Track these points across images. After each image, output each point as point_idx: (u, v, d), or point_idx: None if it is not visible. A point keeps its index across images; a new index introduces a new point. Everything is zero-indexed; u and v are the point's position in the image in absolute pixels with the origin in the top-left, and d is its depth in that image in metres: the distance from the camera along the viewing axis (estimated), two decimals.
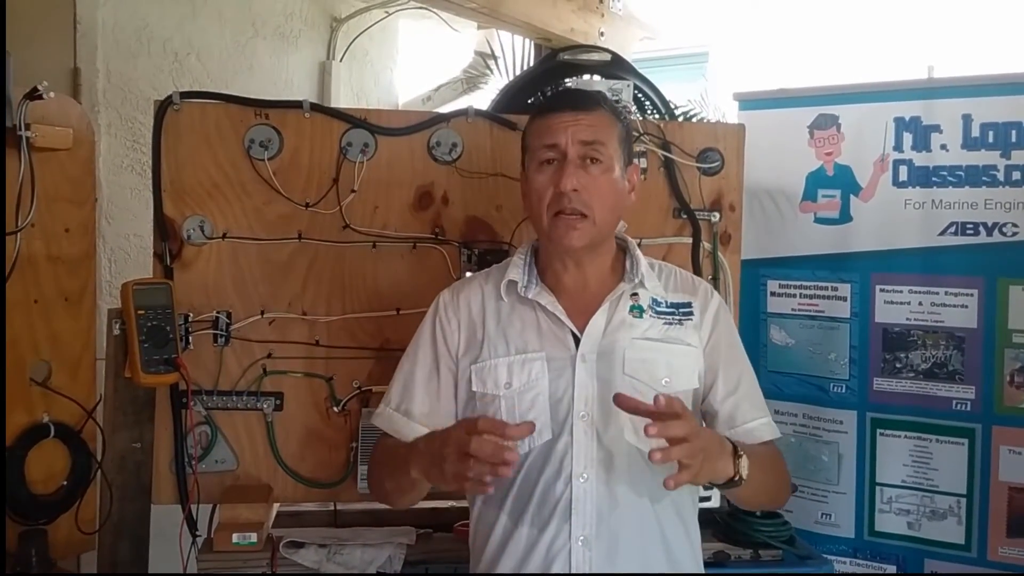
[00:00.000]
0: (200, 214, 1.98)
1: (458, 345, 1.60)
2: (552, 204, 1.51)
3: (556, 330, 1.54)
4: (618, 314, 1.55)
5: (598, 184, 1.51)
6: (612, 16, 4.32)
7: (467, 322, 1.60)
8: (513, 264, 1.61)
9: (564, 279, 1.59)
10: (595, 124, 1.53)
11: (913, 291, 2.43)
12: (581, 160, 1.51)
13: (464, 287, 1.65)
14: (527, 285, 1.57)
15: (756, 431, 1.58)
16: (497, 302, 1.60)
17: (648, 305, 1.58)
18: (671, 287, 1.62)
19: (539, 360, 1.53)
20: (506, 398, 1.52)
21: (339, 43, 4.16)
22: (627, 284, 1.57)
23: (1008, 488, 2.33)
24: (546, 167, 1.53)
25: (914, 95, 2.44)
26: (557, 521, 1.47)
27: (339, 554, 1.87)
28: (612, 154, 1.53)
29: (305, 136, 2.02)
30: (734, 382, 1.59)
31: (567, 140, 1.51)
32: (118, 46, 3.06)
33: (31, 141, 1.85)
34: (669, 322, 1.57)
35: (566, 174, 1.49)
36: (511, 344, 1.55)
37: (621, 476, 1.49)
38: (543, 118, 1.56)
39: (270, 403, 2.00)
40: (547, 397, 1.51)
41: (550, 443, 1.50)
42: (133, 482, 1.97)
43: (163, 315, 1.86)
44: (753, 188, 2.38)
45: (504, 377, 1.53)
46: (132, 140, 3.08)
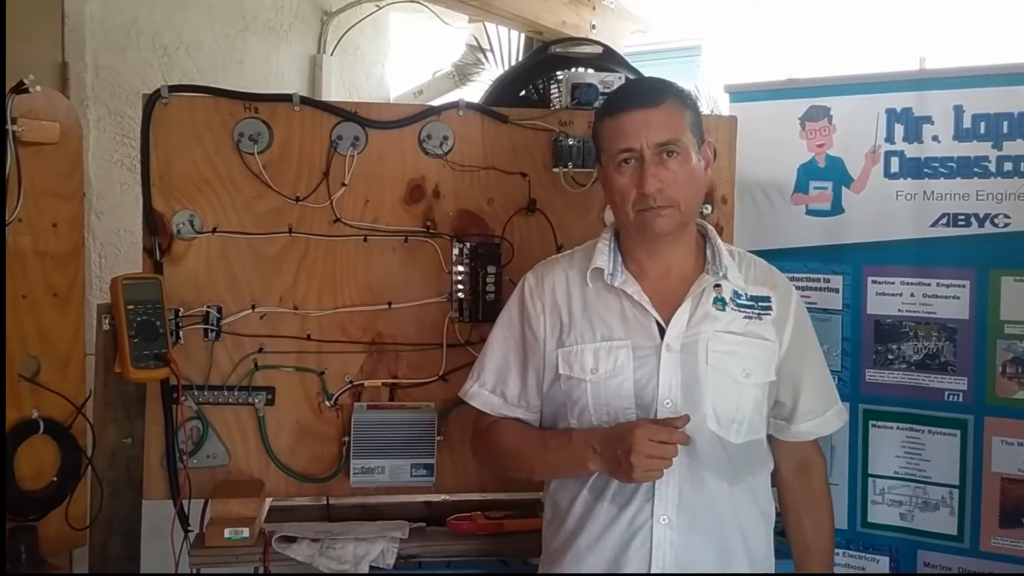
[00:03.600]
0: (190, 208, 1.97)
1: (544, 330, 1.65)
2: (637, 203, 1.55)
3: (641, 319, 1.59)
4: (702, 306, 1.60)
5: (678, 177, 1.55)
6: (604, 9, 4.31)
7: (552, 306, 1.65)
8: (598, 250, 1.64)
9: (647, 266, 1.63)
10: (667, 120, 1.56)
11: (905, 282, 2.43)
12: (659, 156, 1.54)
13: (549, 271, 1.69)
14: (613, 273, 1.61)
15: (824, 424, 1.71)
16: (582, 287, 1.64)
17: (730, 298, 1.62)
18: (751, 279, 1.66)
19: (624, 348, 1.58)
20: (592, 383, 1.57)
21: (330, 37, 4.14)
22: (711, 276, 1.61)
23: (1000, 479, 2.33)
24: (624, 167, 1.57)
25: (905, 87, 2.43)
26: (639, 500, 1.54)
27: (332, 548, 1.86)
28: (687, 143, 1.57)
29: (295, 130, 2.01)
30: (812, 375, 1.68)
31: (642, 143, 1.54)
32: (106, 40, 3.04)
33: (17, 135, 1.84)
34: (749, 316, 1.62)
35: (647, 176, 1.53)
36: (597, 331, 1.60)
37: (703, 461, 1.55)
38: (613, 118, 1.58)
39: (261, 398, 2.00)
40: (632, 384, 1.56)
41: None
42: (124, 478, 1.96)
43: (153, 310, 1.85)
44: (745, 180, 2.38)
45: (590, 363, 1.58)
46: (121, 135, 3.06)
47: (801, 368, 1.67)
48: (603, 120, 1.62)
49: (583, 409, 1.59)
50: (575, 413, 1.61)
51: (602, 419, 1.57)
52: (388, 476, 1.99)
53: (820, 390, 1.70)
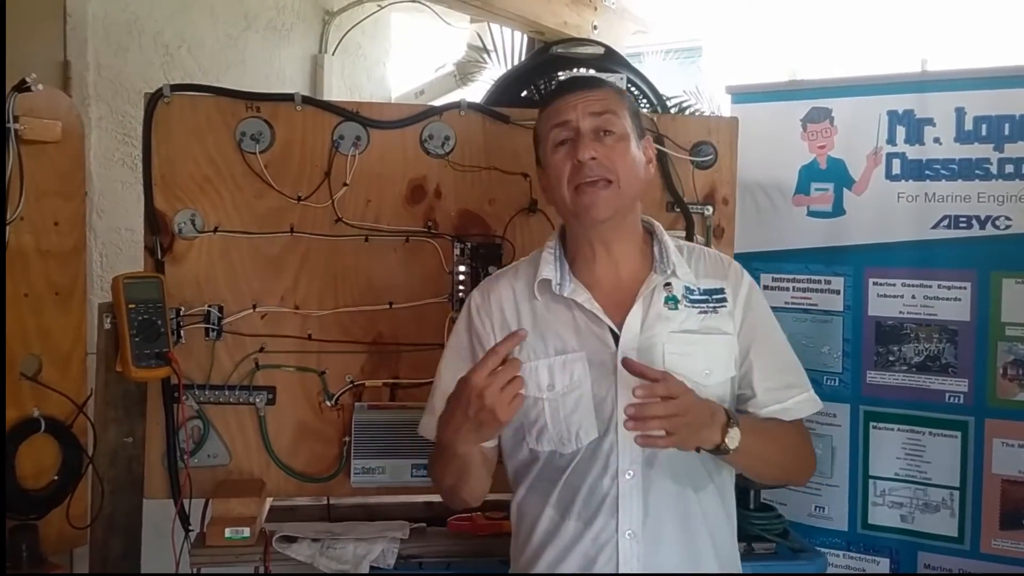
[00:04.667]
0: (191, 207, 1.97)
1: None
2: (572, 178, 1.51)
3: (595, 328, 1.53)
4: (653, 307, 1.55)
5: (616, 151, 1.52)
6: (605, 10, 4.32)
7: (501, 323, 1.58)
8: (544, 260, 1.59)
9: (595, 269, 1.57)
10: (603, 98, 1.55)
11: (906, 284, 2.43)
12: (595, 132, 1.52)
13: (494, 287, 1.63)
14: (561, 282, 1.55)
15: (791, 410, 1.59)
16: (531, 301, 1.58)
17: (682, 295, 1.57)
18: (702, 271, 1.61)
19: (580, 360, 1.52)
20: (549, 401, 1.52)
21: (331, 36, 4.15)
22: (659, 276, 1.56)
23: (1001, 481, 2.33)
24: (561, 148, 1.54)
25: (907, 88, 2.44)
26: (604, 516, 1.50)
27: (332, 548, 1.86)
28: (625, 124, 1.54)
29: (297, 129, 2.01)
30: (767, 364, 1.59)
31: (577, 115, 1.52)
32: (108, 39, 3.05)
33: (19, 134, 1.83)
34: (704, 311, 1.57)
35: (582, 145, 1.50)
36: (549, 345, 1.54)
37: (665, 470, 1.50)
38: (551, 104, 1.57)
39: (262, 397, 2.00)
40: (591, 397, 1.51)
41: (596, 441, 1.50)
42: (125, 477, 1.96)
43: (154, 309, 1.85)
44: (746, 181, 2.38)
45: (546, 379, 1.52)
46: (123, 133, 3.06)
47: (749, 353, 1.58)
48: (542, 112, 1.60)
49: (542, 429, 1.52)
50: (534, 434, 1.54)
51: (562, 437, 1.51)
52: (389, 476, 1.99)
53: (776, 376, 1.60)
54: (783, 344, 1.65)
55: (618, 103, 1.56)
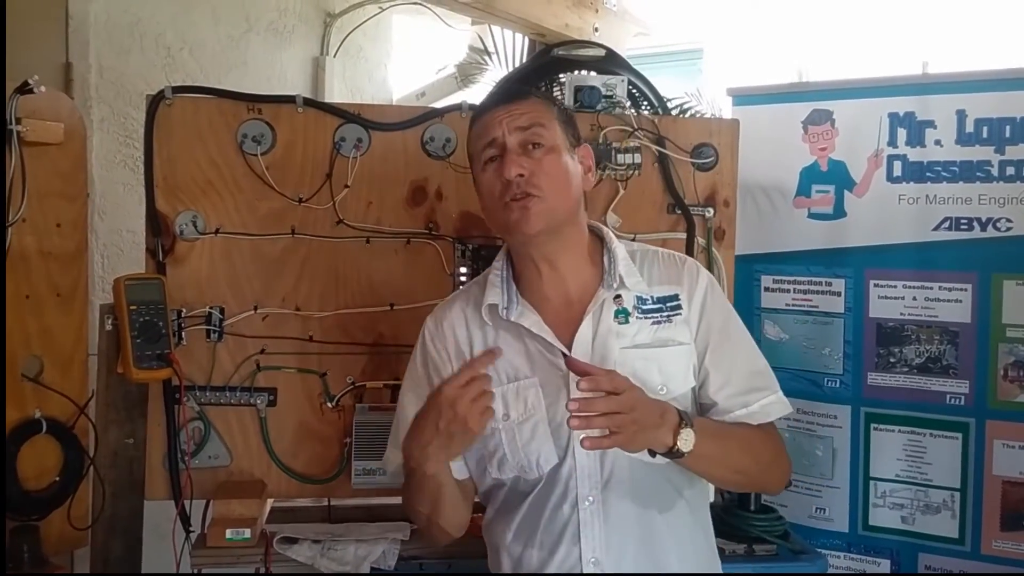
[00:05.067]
0: (193, 209, 1.98)
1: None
2: (502, 195, 1.47)
3: (545, 352, 1.50)
4: (603, 323, 1.50)
5: (543, 165, 1.47)
6: (606, 12, 4.32)
7: (455, 351, 1.56)
8: (490, 283, 1.55)
9: (543, 287, 1.53)
10: (529, 110, 1.50)
11: (907, 286, 2.44)
12: (522, 148, 1.48)
13: (447, 313, 1.60)
14: (508, 306, 1.52)
15: (757, 414, 1.52)
16: (482, 327, 1.55)
17: (633, 306, 1.52)
18: (655, 278, 1.55)
19: (533, 387, 1.49)
20: (506, 430, 1.49)
21: (333, 39, 4.15)
22: (606, 290, 1.51)
23: (1002, 482, 2.33)
24: (490, 166, 1.50)
25: (908, 91, 2.44)
26: (567, 544, 1.47)
27: (333, 550, 1.86)
28: (553, 135, 1.50)
29: (298, 131, 2.01)
30: (726, 369, 1.53)
31: (503, 131, 1.48)
32: (110, 41, 3.05)
33: (22, 136, 1.84)
34: (658, 321, 1.52)
35: (507, 162, 1.46)
36: (501, 372, 1.50)
37: (627, 493, 1.47)
38: (478, 121, 1.54)
39: (263, 399, 2.00)
40: (547, 424, 1.48)
41: (554, 468, 1.48)
42: (126, 478, 1.97)
43: (156, 310, 1.86)
44: (747, 183, 2.38)
45: (500, 408, 1.48)
46: (124, 135, 3.07)
47: (705, 360, 1.53)
48: (470, 131, 1.57)
49: (501, 459, 1.50)
50: (494, 463, 1.51)
51: (522, 464, 1.49)
52: (389, 477, 1.96)
53: (739, 380, 1.53)
54: (745, 345, 1.58)
55: (545, 114, 1.52)
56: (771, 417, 1.55)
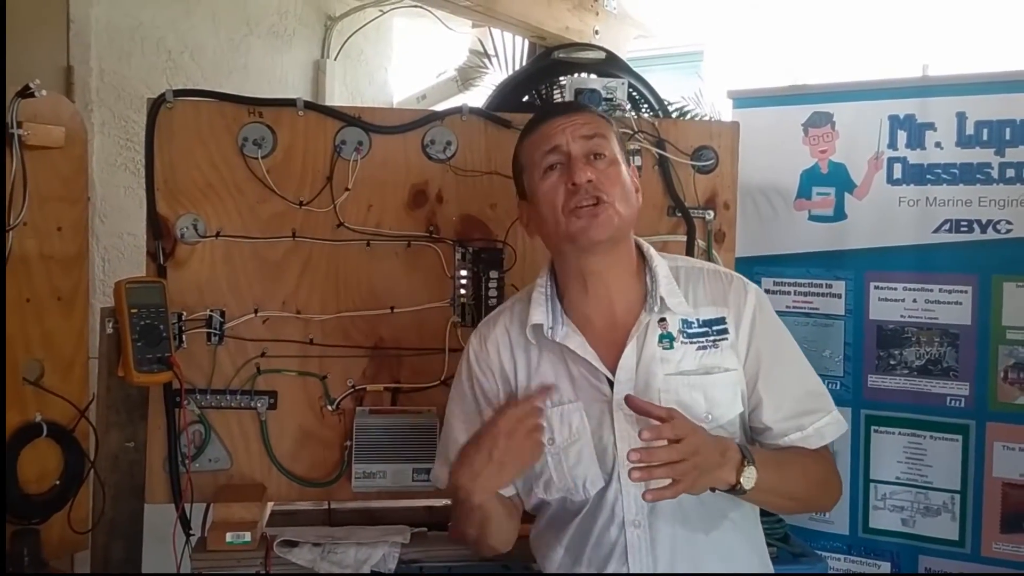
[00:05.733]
0: (193, 212, 1.98)
1: (499, 396, 1.56)
2: (567, 203, 1.45)
3: (589, 376, 1.49)
4: (647, 348, 1.48)
5: (609, 175, 1.46)
6: (607, 14, 4.32)
7: (500, 372, 1.56)
8: (535, 301, 1.53)
9: (588, 305, 1.51)
10: (590, 121, 1.51)
11: (907, 288, 2.44)
12: (586, 157, 1.47)
13: (490, 332, 1.59)
14: (553, 326, 1.50)
15: (811, 437, 1.51)
16: (526, 347, 1.54)
17: (679, 330, 1.49)
18: (700, 299, 1.52)
19: (577, 411, 1.48)
20: (552, 455, 1.48)
21: (333, 42, 4.16)
22: (648, 314, 1.49)
23: (1002, 484, 2.33)
24: (551, 173, 1.48)
25: (908, 93, 2.44)
26: (615, 564, 1.47)
27: (333, 553, 1.86)
28: (615, 148, 1.50)
29: (299, 134, 2.01)
30: (779, 393, 1.50)
31: (567, 139, 1.47)
32: (111, 44, 3.06)
33: (23, 139, 1.84)
34: (703, 346, 1.49)
35: (576, 168, 1.44)
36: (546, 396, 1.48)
37: (673, 516, 1.46)
38: (535, 131, 1.52)
39: (264, 402, 2.00)
40: (592, 448, 1.47)
41: (601, 491, 1.48)
42: (126, 481, 1.97)
43: (156, 314, 1.86)
44: (747, 186, 2.38)
45: (546, 432, 1.45)
46: (125, 138, 3.07)
47: (756, 384, 1.50)
48: (524, 141, 1.55)
49: (548, 481, 1.50)
50: (540, 485, 1.52)
51: (569, 488, 1.48)
52: (390, 480, 1.99)
53: (792, 403, 1.51)
54: (797, 365, 1.55)
55: (606, 127, 1.52)
56: (826, 440, 1.53)
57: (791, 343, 1.57)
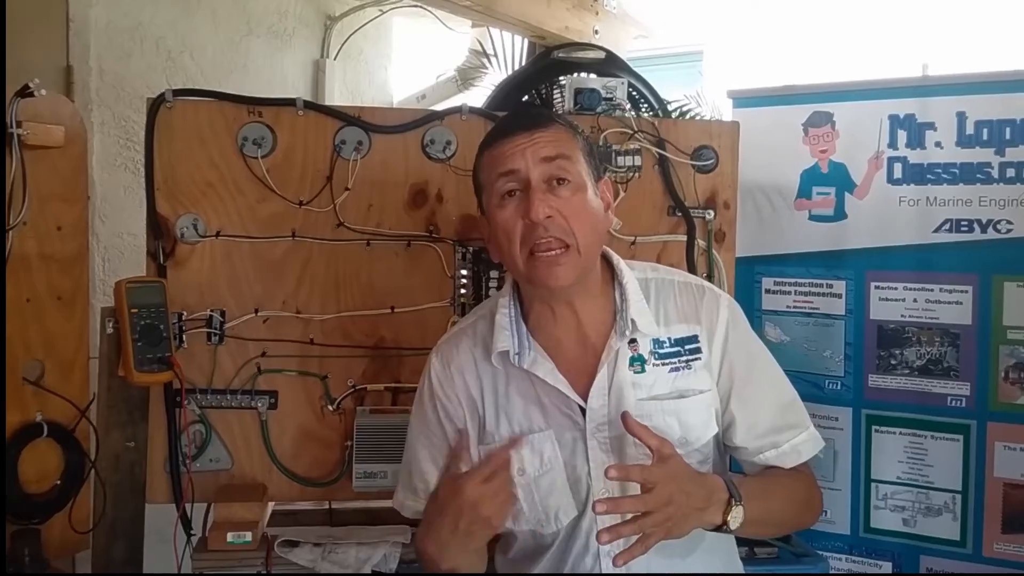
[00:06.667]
0: (193, 212, 1.98)
1: (466, 424, 1.48)
2: (525, 240, 1.34)
3: (559, 404, 1.42)
4: (619, 373, 1.41)
5: (572, 205, 1.34)
6: (607, 14, 4.32)
7: (466, 396, 1.48)
8: (499, 325, 1.44)
9: (556, 330, 1.44)
10: (554, 139, 1.37)
11: (908, 288, 2.43)
12: (547, 183, 1.35)
13: (454, 355, 1.50)
14: (520, 351, 1.42)
15: (788, 455, 1.46)
16: (493, 374, 1.46)
17: (650, 351, 1.43)
18: (671, 315, 1.45)
19: (548, 440, 1.41)
20: (523, 486, 1.41)
21: (333, 41, 4.16)
22: (619, 339, 1.41)
23: (1003, 484, 2.33)
24: (508, 200, 1.36)
25: (909, 93, 2.44)
26: None
27: (334, 553, 1.86)
28: (580, 170, 1.38)
29: (299, 134, 2.01)
30: (752, 410, 1.46)
31: (527, 163, 1.34)
32: (111, 44, 3.05)
33: (23, 139, 1.84)
34: (676, 367, 1.43)
35: (534, 201, 1.32)
36: (515, 424, 1.44)
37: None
38: (494, 147, 1.39)
39: (264, 402, 2.00)
40: (565, 478, 1.41)
41: (575, 520, 1.43)
42: (127, 481, 1.97)
43: (157, 313, 1.86)
44: (748, 185, 2.38)
45: (515, 463, 1.39)
46: (125, 138, 3.07)
47: (730, 403, 1.46)
48: (482, 155, 1.41)
49: (518, 512, 1.43)
50: (512, 516, 1.43)
51: (540, 519, 1.43)
52: (391, 480, 1.98)
53: (768, 420, 1.46)
54: (772, 381, 1.50)
55: (571, 144, 1.39)
56: (804, 457, 1.48)
57: (765, 357, 1.51)
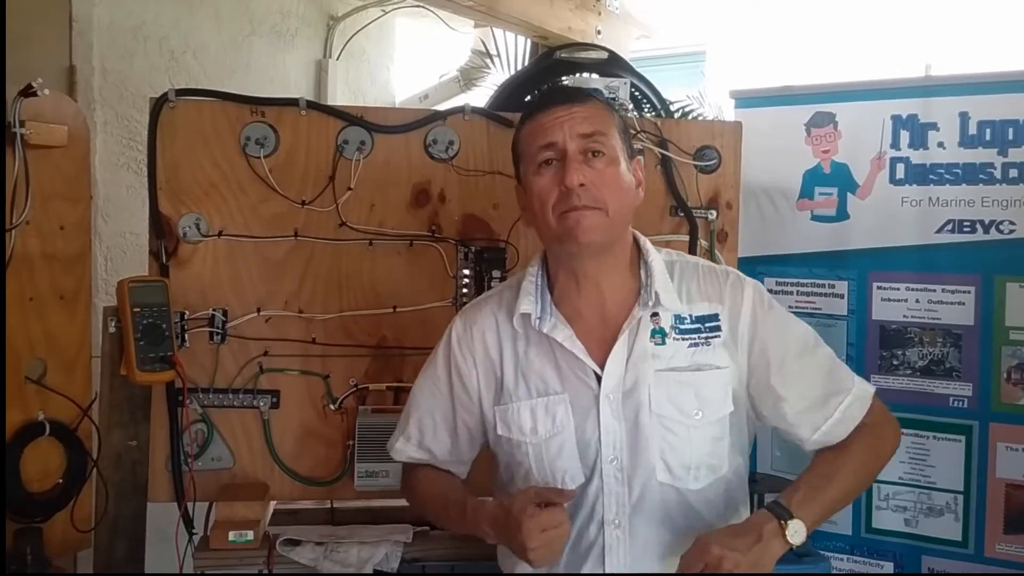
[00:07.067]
0: (196, 212, 1.98)
1: (477, 386, 1.54)
2: (558, 204, 1.41)
3: (576, 369, 1.46)
4: (639, 343, 1.45)
5: (605, 177, 1.41)
6: (609, 14, 4.32)
7: (483, 359, 1.53)
8: (524, 291, 1.50)
9: (579, 301, 1.48)
10: (592, 115, 1.45)
11: (910, 288, 2.43)
12: (583, 154, 1.42)
13: (477, 317, 1.56)
14: (541, 316, 1.47)
15: (841, 423, 1.47)
16: (513, 336, 1.51)
17: (671, 326, 1.46)
18: (694, 294, 1.49)
19: (562, 404, 1.46)
20: (533, 445, 1.47)
21: (336, 41, 4.16)
22: (642, 308, 1.45)
23: (1005, 485, 2.33)
24: (545, 168, 1.43)
25: (911, 93, 2.43)
26: (590, 566, 1.44)
27: (336, 552, 1.86)
28: (615, 145, 1.45)
29: (301, 134, 2.01)
30: (800, 384, 1.48)
31: (564, 136, 1.41)
32: (114, 44, 3.05)
33: (26, 138, 1.84)
34: (695, 343, 1.46)
35: (570, 169, 1.39)
36: (531, 386, 1.48)
37: (655, 518, 1.44)
38: (534, 119, 1.47)
39: (266, 401, 2.00)
40: (575, 442, 1.45)
41: (581, 487, 1.45)
42: (129, 480, 1.97)
43: (159, 313, 1.86)
44: (750, 186, 2.38)
45: (528, 422, 1.46)
46: (128, 138, 3.07)
47: (770, 380, 1.48)
48: (524, 125, 1.49)
49: (527, 472, 1.48)
50: (520, 475, 1.50)
51: (547, 481, 1.46)
52: (392, 479, 1.98)
53: (813, 394, 1.48)
54: (809, 350, 1.51)
55: (607, 121, 1.47)
56: (856, 420, 1.49)
57: (799, 328, 1.53)
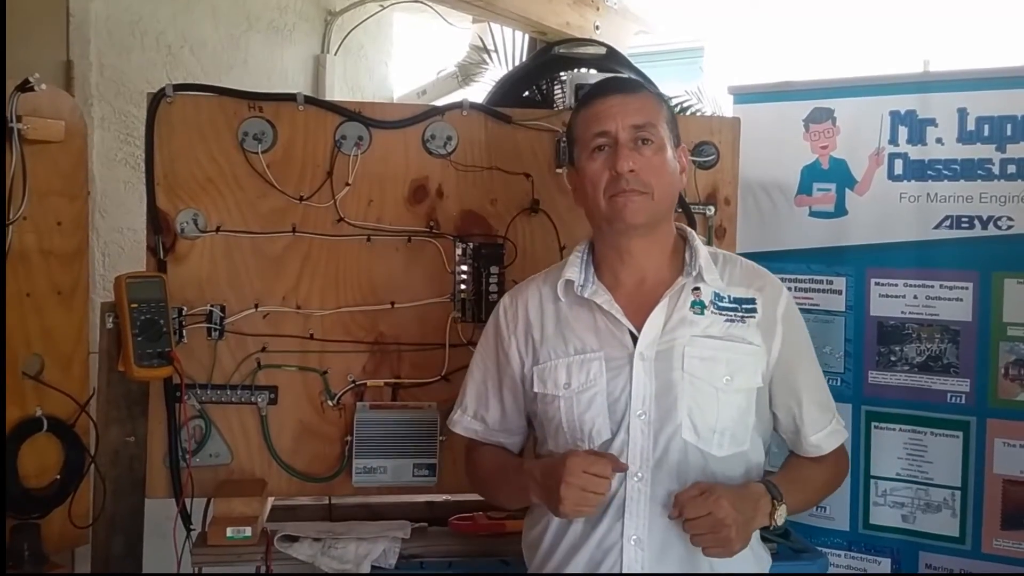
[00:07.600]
0: (193, 207, 1.98)
1: (519, 351, 1.63)
2: (609, 187, 1.51)
3: (614, 330, 1.54)
4: (678, 311, 1.53)
5: (653, 163, 1.52)
6: (607, 10, 4.31)
7: (525, 327, 1.62)
8: (569, 263, 1.60)
9: (621, 275, 1.58)
10: (643, 107, 1.55)
11: (908, 284, 2.43)
12: (633, 142, 1.51)
13: (523, 290, 1.67)
14: (583, 284, 1.57)
15: (831, 436, 1.62)
16: (555, 302, 1.60)
17: (710, 300, 1.55)
18: (734, 280, 1.58)
19: (597, 360, 1.53)
20: (564, 398, 1.54)
21: (333, 37, 4.15)
22: (685, 278, 1.55)
23: (1002, 481, 2.33)
24: (598, 154, 1.54)
25: (909, 89, 2.43)
26: (610, 519, 1.49)
27: (334, 548, 1.86)
28: (663, 134, 1.54)
29: (299, 129, 2.01)
30: (813, 388, 1.61)
31: (617, 125, 1.51)
32: (111, 39, 3.05)
33: (23, 134, 1.84)
34: (731, 319, 1.54)
35: (621, 156, 1.49)
36: (569, 344, 1.56)
37: (676, 475, 1.49)
38: (590, 106, 1.57)
39: (264, 397, 2.00)
40: (605, 396, 1.51)
41: (607, 442, 1.50)
42: (127, 476, 1.97)
43: (157, 308, 1.86)
44: (748, 182, 2.38)
45: (563, 377, 1.54)
46: (125, 133, 3.07)
47: (797, 377, 1.59)
48: (578, 113, 1.61)
49: (558, 427, 1.55)
50: (551, 432, 1.58)
51: (576, 437, 1.52)
52: (390, 476, 1.99)
53: (820, 400, 1.62)
54: (816, 361, 1.65)
55: (657, 111, 1.56)
56: (840, 441, 1.64)
57: (810, 344, 1.65)
